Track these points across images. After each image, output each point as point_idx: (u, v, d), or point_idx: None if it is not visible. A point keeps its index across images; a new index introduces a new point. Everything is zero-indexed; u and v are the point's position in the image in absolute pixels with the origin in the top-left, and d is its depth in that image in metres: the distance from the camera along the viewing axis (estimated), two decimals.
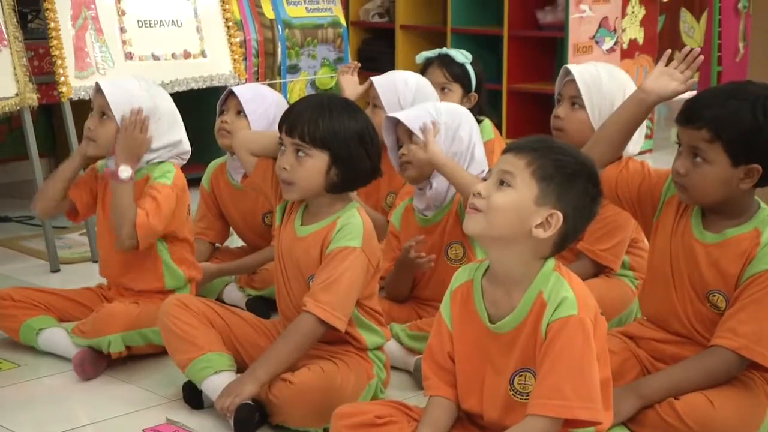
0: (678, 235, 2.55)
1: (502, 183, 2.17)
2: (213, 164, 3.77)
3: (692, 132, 2.42)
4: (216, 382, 2.68)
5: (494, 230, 2.16)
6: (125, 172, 3.04)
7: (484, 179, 2.23)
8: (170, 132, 3.18)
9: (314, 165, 2.64)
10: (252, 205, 3.63)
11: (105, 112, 3.11)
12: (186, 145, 3.23)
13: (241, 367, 2.75)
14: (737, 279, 2.45)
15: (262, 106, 3.50)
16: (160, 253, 3.16)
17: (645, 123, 3.17)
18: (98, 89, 3.12)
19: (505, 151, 2.22)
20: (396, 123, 3.05)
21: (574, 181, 2.16)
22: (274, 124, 2.94)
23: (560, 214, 2.14)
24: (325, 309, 2.61)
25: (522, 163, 2.16)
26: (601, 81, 3.12)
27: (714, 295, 2.49)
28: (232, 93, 3.53)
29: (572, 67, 3.17)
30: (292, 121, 2.67)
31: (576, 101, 3.13)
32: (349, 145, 2.64)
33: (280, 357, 2.62)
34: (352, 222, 2.68)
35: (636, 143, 3.17)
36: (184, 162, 3.24)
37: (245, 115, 3.49)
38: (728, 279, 2.46)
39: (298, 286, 2.75)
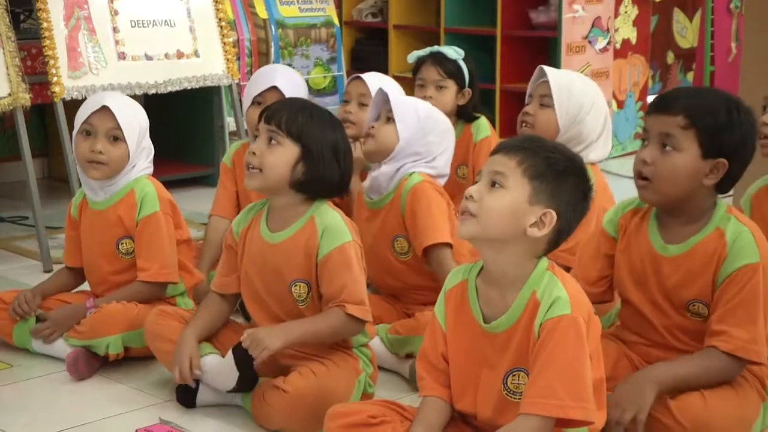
0: (638, 253, 2.54)
1: (493, 184, 2.17)
2: (235, 144, 3.80)
3: (666, 118, 2.42)
4: (206, 365, 2.71)
5: (489, 232, 2.16)
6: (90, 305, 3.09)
7: (475, 182, 2.23)
8: (149, 144, 3.20)
9: (283, 154, 2.65)
10: None
11: (116, 135, 3.08)
12: (152, 148, 3.23)
13: None
14: (713, 283, 2.46)
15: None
16: None
17: (610, 131, 3.27)
18: (101, 111, 3.07)
19: (494, 152, 2.22)
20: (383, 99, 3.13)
21: (566, 178, 2.17)
22: None
23: (554, 213, 2.14)
24: (360, 308, 2.66)
25: (513, 162, 2.16)
26: (572, 84, 3.24)
27: (694, 305, 2.50)
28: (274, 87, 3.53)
29: (548, 69, 3.27)
30: (272, 111, 2.71)
31: (545, 101, 3.22)
32: (322, 146, 2.66)
33: (312, 332, 2.65)
34: (331, 221, 2.69)
35: (602, 149, 3.24)
36: (152, 167, 3.23)
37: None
38: (704, 286, 2.47)
39: (277, 293, 2.74)
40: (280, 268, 2.72)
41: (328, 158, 2.67)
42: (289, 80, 3.60)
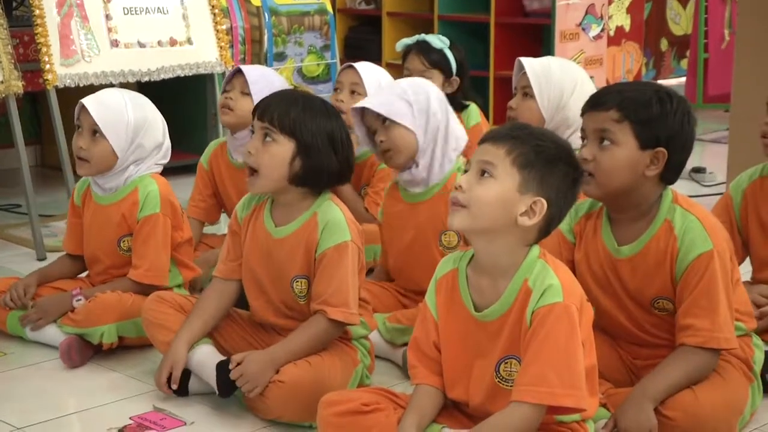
0: (596, 258, 2.55)
1: (483, 173, 2.16)
2: (214, 143, 3.78)
3: (600, 114, 2.44)
4: (198, 354, 2.72)
5: (480, 223, 2.16)
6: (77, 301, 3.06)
7: (465, 171, 2.22)
8: (158, 145, 3.18)
9: (279, 151, 2.64)
10: None
11: (96, 130, 3.08)
12: (169, 152, 3.23)
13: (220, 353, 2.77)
14: (671, 279, 2.46)
15: (267, 88, 3.50)
16: None
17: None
18: (83, 108, 3.08)
19: (482, 141, 2.22)
20: (363, 112, 3.05)
21: (555, 165, 2.17)
22: None
23: (544, 201, 2.14)
24: (343, 312, 2.64)
25: (501, 151, 2.16)
26: (550, 71, 3.24)
27: (658, 302, 2.51)
28: (238, 71, 3.53)
29: (524, 59, 3.28)
30: (264, 107, 2.68)
31: (527, 91, 3.24)
32: (317, 138, 2.64)
33: (299, 349, 2.63)
34: (333, 217, 2.67)
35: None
36: (162, 167, 3.22)
37: (250, 95, 3.48)
38: (663, 283, 2.48)
39: (280, 287, 2.74)
40: (283, 263, 2.71)
41: (325, 149, 2.65)
42: (256, 68, 3.61)
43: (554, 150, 2.18)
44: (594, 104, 2.48)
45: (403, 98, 3.00)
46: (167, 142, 3.21)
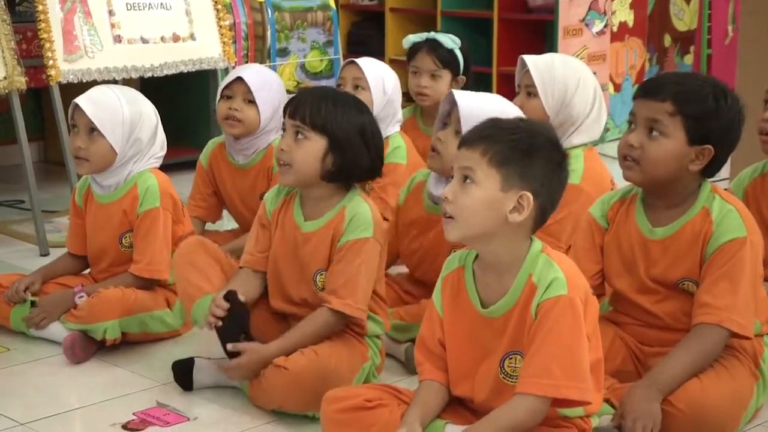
0: (627, 239, 2.56)
1: (465, 179, 2.16)
2: (212, 142, 3.77)
3: (654, 104, 2.44)
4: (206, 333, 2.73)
5: (472, 230, 2.17)
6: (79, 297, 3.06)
7: (452, 176, 2.22)
8: (153, 136, 3.18)
9: (311, 148, 2.65)
10: (251, 184, 3.63)
11: (93, 128, 3.08)
12: (165, 144, 3.22)
13: None
14: (701, 261, 2.48)
15: (269, 93, 3.50)
16: None
17: (602, 104, 3.26)
18: (77, 107, 3.08)
19: (459, 146, 2.21)
20: None
21: (534, 155, 2.15)
22: (280, 108, 2.92)
23: (529, 194, 2.13)
24: (349, 304, 2.64)
25: (476, 154, 2.15)
26: (554, 67, 3.23)
27: (683, 284, 2.52)
28: (238, 78, 3.50)
29: (527, 57, 3.27)
30: (295, 105, 2.69)
31: (531, 90, 3.23)
32: (349, 134, 2.65)
33: (297, 345, 2.64)
34: (360, 211, 2.68)
35: (596, 125, 3.23)
36: (161, 161, 3.22)
37: (254, 103, 3.47)
38: (692, 265, 2.49)
39: (302, 282, 2.75)
40: (308, 257, 2.73)
41: (357, 144, 2.66)
42: (256, 73, 3.58)
43: (529, 140, 2.16)
44: (649, 92, 2.47)
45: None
46: (162, 134, 3.21)
